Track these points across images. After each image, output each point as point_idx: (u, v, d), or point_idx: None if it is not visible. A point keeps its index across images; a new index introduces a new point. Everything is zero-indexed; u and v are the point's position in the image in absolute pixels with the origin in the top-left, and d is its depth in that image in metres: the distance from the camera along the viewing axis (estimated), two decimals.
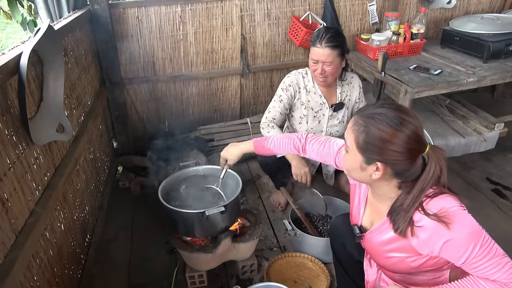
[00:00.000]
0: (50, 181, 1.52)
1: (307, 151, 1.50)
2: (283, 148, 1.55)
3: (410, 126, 1.00)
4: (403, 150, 1.00)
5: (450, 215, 1.01)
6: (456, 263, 1.04)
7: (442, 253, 1.04)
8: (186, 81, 2.89)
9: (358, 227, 1.29)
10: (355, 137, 1.05)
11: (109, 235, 2.20)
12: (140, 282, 1.90)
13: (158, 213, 2.03)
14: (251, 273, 1.92)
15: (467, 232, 1.01)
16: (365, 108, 1.08)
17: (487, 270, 1.01)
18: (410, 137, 1.00)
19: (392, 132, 0.99)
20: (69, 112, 1.83)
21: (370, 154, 1.04)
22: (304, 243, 1.98)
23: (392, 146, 1.00)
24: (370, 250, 1.29)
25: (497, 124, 2.66)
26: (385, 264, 1.23)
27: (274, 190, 2.50)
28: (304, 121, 2.18)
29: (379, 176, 1.06)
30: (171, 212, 1.69)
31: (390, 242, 1.16)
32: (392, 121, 1.00)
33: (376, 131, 1.01)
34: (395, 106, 1.04)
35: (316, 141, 1.47)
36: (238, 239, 1.79)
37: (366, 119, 1.03)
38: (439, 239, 1.02)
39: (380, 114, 1.02)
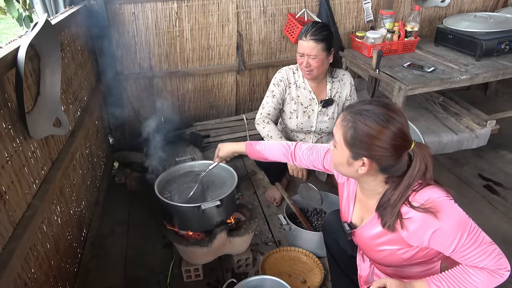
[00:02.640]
0: (47, 175, 1.53)
1: (297, 158, 1.53)
2: (273, 153, 1.58)
3: (396, 124, 1.03)
4: (388, 146, 1.03)
5: (437, 205, 1.04)
6: (445, 252, 1.07)
7: (432, 243, 1.07)
8: (182, 77, 2.90)
9: (348, 224, 1.31)
10: (343, 133, 1.08)
11: (105, 230, 2.22)
12: (136, 276, 1.92)
13: (154, 208, 2.05)
14: (246, 267, 1.94)
15: (454, 221, 1.03)
16: (354, 104, 1.11)
17: (475, 258, 1.04)
18: (395, 134, 1.03)
19: (379, 129, 1.02)
20: (65, 107, 1.84)
21: (357, 149, 1.06)
22: (298, 238, 2.00)
23: (378, 142, 1.03)
24: (362, 245, 1.31)
25: (489, 121, 2.70)
26: (377, 258, 1.25)
27: (269, 185, 2.52)
28: (294, 116, 2.21)
29: (365, 171, 1.09)
30: (167, 206, 1.71)
31: (381, 236, 1.18)
32: (379, 117, 1.03)
33: (364, 127, 1.04)
34: (383, 103, 1.07)
35: (305, 148, 1.50)
36: (233, 233, 1.82)
37: (355, 115, 1.06)
38: (428, 229, 1.05)
39: (368, 111, 1.05)
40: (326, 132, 2.28)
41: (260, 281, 1.71)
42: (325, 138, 2.33)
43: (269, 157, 1.60)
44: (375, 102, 1.07)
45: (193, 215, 1.67)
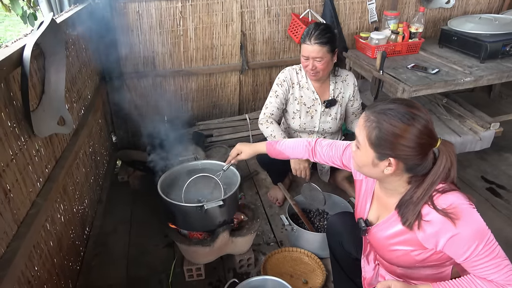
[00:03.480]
0: (51, 173, 1.53)
1: (317, 154, 1.53)
2: (294, 150, 1.59)
3: (421, 121, 1.01)
4: (414, 145, 1.01)
5: (459, 212, 1.02)
6: (457, 259, 1.06)
7: (446, 248, 1.06)
8: (186, 77, 2.90)
9: (363, 220, 1.30)
10: (367, 133, 1.06)
11: (108, 228, 2.22)
12: (138, 275, 1.92)
13: (156, 206, 2.05)
14: (248, 267, 1.94)
15: (473, 229, 1.02)
16: (376, 104, 1.08)
17: (486, 270, 1.03)
18: (421, 132, 1.01)
19: (404, 127, 1.01)
20: (70, 105, 1.84)
21: (382, 149, 1.05)
22: (300, 238, 2.00)
23: (404, 141, 1.01)
24: (374, 243, 1.30)
25: (492, 123, 2.69)
26: (389, 258, 1.24)
27: (271, 186, 2.52)
28: (297, 116, 2.21)
29: (392, 171, 1.07)
30: (170, 206, 1.71)
31: (396, 235, 1.17)
32: (404, 116, 1.01)
33: (389, 126, 1.02)
34: (406, 102, 1.05)
35: (325, 144, 1.51)
36: (235, 233, 1.82)
37: (378, 115, 1.04)
38: (445, 234, 1.04)
39: (391, 110, 1.03)
40: (329, 132, 2.27)
41: (262, 281, 1.71)
42: (329, 138, 2.32)
43: (290, 155, 1.62)
44: (398, 101, 1.05)
45: (196, 214, 1.67)
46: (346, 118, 2.34)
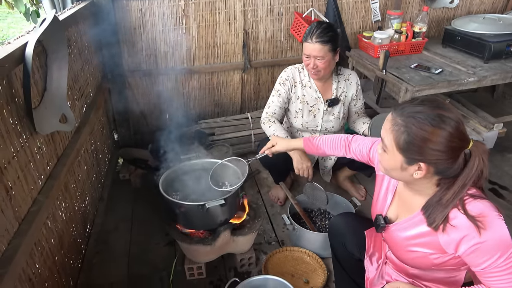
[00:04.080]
0: (52, 170, 1.53)
1: (351, 150, 1.53)
2: (331, 146, 1.59)
3: (452, 123, 0.97)
4: (445, 149, 0.98)
5: (487, 221, 0.99)
6: (474, 268, 1.04)
7: (465, 255, 1.04)
8: (188, 75, 2.90)
9: (383, 217, 1.28)
10: (395, 137, 1.03)
11: (109, 226, 2.22)
12: (139, 273, 1.92)
13: (158, 205, 2.05)
14: (249, 266, 1.94)
15: (497, 241, 1.00)
16: (404, 106, 1.04)
17: (500, 283, 1.01)
18: (452, 135, 0.97)
19: (434, 131, 0.97)
20: (71, 103, 1.84)
21: (411, 154, 1.01)
22: (302, 238, 2.00)
23: (434, 146, 0.98)
24: (391, 242, 1.28)
25: (496, 124, 2.67)
26: (405, 258, 1.23)
27: (273, 185, 2.52)
28: (299, 115, 2.20)
29: (421, 175, 1.04)
30: (171, 204, 1.71)
31: (417, 237, 1.15)
32: (434, 119, 0.97)
33: (418, 131, 0.98)
34: (435, 103, 1.01)
35: (359, 139, 1.51)
36: (237, 232, 1.81)
37: (406, 118, 1.00)
38: (469, 241, 1.01)
39: (420, 113, 0.99)
40: (332, 131, 2.27)
41: (263, 280, 1.71)
42: None
43: (327, 151, 1.62)
44: (427, 102, 1.01)
45: (197, 213, 1.67)
46: (348, 117, 2.33)
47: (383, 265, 1.39)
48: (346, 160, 2.39)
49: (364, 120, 2.26)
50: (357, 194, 2.43)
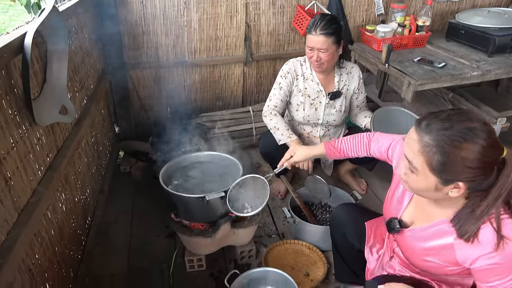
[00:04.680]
0: (52, 162, 1.53)
1: (371, 150, 1.48)
2: (354, 148, 1.53)
3: (484, 135, 0.92)
4: (482, 164, 0.93)
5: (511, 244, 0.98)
6: (481, 283, 1.04)
7: (478, 270, 1.03)
8: (189, 68, 2.89)
9: (398, 221, 1.24)
10: (427, 159, 0.96)
11: (110, 218, 2.23)
12: (139, 265, 1.93)
13: (158, 197, 2.05)
14: (249, 258, 1.94)
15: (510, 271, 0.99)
16: (429, 122, 0.96)
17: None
18: (487, 147, 0.92)
19: (469, 147, 0.91)
20: (72, 94, 1.84)
21: (448, 175, 0.96)
22: (302, 231, 1.99)
23: (471, 163, 0.92)
24: (405, 246, 1.25)
25: (499, 118, 2.65)
26: (418, 264, 1.21)
27: (274, 178, 2.51)
28: (301, 108, 2.19)
29: (459, 194, 0.99)
30: (171, 196, 1.71)
31: (436, 249, 1.13)
32: (467, 134, 0.91)
33: (452, 149, 0.92)
34: (465, 116, 0.94)
35: (379, 138, 1.46)
36: (237, 225, 1.81)
37: (437, 137, 0.93)
38: (487, 259, 1.00)
39: (451, 129, 0.93)
40: (333, 125, 2.25)
41: (263, 273, 1.71)
42: (332, 131, 2.31)
43: (350, 154, 1.54)
44: (455, 116, 0.94)
45: (197, 205, 1.67)
46: (350, 111, 2.31)
47: (383, 257, 1.39)
48: None
49: (366, 113, 2.24)
50: (358, 187, 2.43)
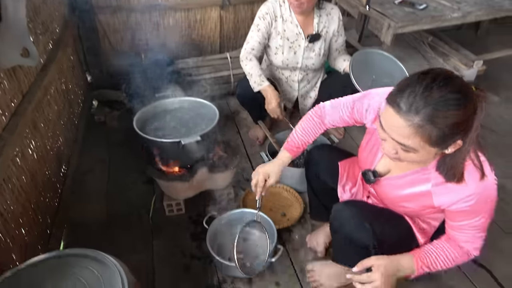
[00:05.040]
0: (17, 108, 1.47)
1: (327, 124, 1.41)
2: (309, 135, 1.43)
3: (465, 89, 0.91)
4: (472, 113, 0.92)
5: (487, 184, 1.02)
6: (451, 221, 1.11)
7: (452, 211, 1.08)
8: (163, 12, 2.74)
9: (372, 172, 1.25)
10: (425, 138, 0.92)
11: (85, 167, 2.20)
12: (118, 211, 1.93)
13: (135, 145, 2.02)
14: (228, 201, 1.96)
15: (485, 206, 1.05)
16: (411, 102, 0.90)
17: (467, 237, 1.10)
18: (471, 96, 0.91)
19: (462, 109, 0.89)
20: (34, 37, 1.72)
21: (448, 141, 0.94)
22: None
23: (466, 120, 0.91)
24: (382, 194, 1.28)
25: (476, 61, 2.66)
26: (395, 208, 1.26)
27: (252, 125, 2.50)
28: (279, 52, 2.13)
29: (455, 148, 0.97)
30: (147, 142, 1.68)
31: (413, 197, 1.16)
32: (454, 99, 0.89)
33: (447, 120, 0.89)
34: (441, 80, 0.90)
35: (328, 109, 1.38)
36: (214, 169, 1.82)
37: (428, 115, 0.89)
38: (463, 203, 1.04)
39: (437, 101, 0.88)
40: (312, 69, 2.22)
41: (240, 214, 1.74)
42: (311, 75, 2.27)
43: (311, 140, 1.44)
44: (429, 85, 0.89)
45: (173, 150, 1.65)
46: (329, 55, 2.27)
47: (356, 195, 1.43)
48: (326, 99, 2.38)
49: (344, 57, 2.21)
50: (335, 132, 2.44)
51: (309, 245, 1.74)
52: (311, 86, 2.33)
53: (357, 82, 1.99)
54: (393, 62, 2.16)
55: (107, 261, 1.02)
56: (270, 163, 1.41)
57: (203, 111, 1.88)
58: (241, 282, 1.60)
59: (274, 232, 1.62)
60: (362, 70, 2.08)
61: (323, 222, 1.74)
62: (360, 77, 2.03)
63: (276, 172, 1.38)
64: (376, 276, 1.09)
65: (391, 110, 0.93)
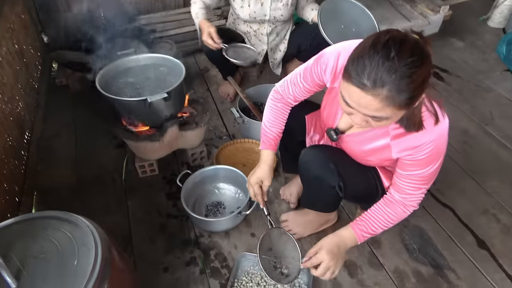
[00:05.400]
0: None
1: (292, 103, 1.37)
2: (279, 121, 1.38)
3: (421, 44, 0.88)
4: (430, 66, 0.90)
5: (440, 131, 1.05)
6: (402, 170, 1.14)
7: (405, 161, 1.12)
8: None
9: (334, 130, 1.26)
10: (395, 105, 0.89)
11: (50, 132, 2.12)
12: (89, 175, 1.90)
13: (101, 107, 1.95)
14: (201, 160, 1.97)
15: (437, 156, 1.08)
16: (374, 77, 0.86)
17: (411, 187, 1.15)
18: (428, 50, 0.89)
19: (424, 67, 0.87)
20: None
21: (415, 100, 0.92)
22: (252, 129, 2.02)
23: (429, 74, 0.90)
24: (347, 150, 1.31)
25: (442, 7, 2.66)
26: (361, 162, 1.30)
27: (222, 82, 2.45)
28: (245, 5, 2.06)
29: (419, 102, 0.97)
30: (113, 102, 1.62)
31: (374, 151, 1.19)
32: (416, 59, 0.85)
33: (412, 83, 0.87)
34: (398, 43, 0.85)
35: (287, 88, 1.33)
36: (185, 127, 1.79)
37: (393, 83, 0.86)
38: (418, 152, 1.07)
39: (400, 66, 0.85)
40: (281, 20, 2.15)
41: (214, 170, 1.75)
42: (280, 27, 2.21)
43: (282, 126, 1.39)
44: (387, 49, 0.85)
45: (140, 109, 1.60)
46: (297, 4, 2.20)
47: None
48: (295, 51, 2.35)
49: (312, 6, 2.15)
50: None
51: (283, 196, 1.78)
52: (280, 39, 2.28)
53: (326, 32, 1.96)
54: (361, 10, 2.14)
55: (79, 222, 1.01)
56: (257, 169, 1.38)
57: (169, 68, 1.81)
58: (218, 236, 1.64)
59: None
60: (331, 19, 2.04)
61: (295, 174, 1.78)
62: (329, 26, 1.99)
63: (267, 174, 1.37)
64: (322, 255, 1.15)
65: (355, 88, 0.90)
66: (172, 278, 1.49)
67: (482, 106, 2.31)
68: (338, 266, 1.17)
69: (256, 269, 1.49)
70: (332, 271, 1.15)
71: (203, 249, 1.59)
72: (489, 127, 2.15)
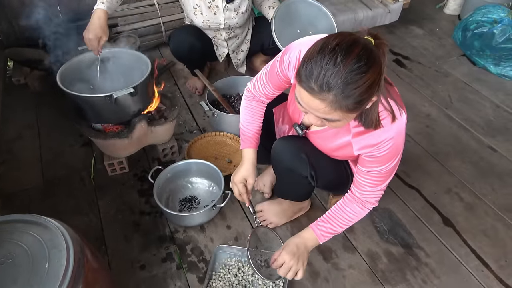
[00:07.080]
0: None
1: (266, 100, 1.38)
2: (256, 119, 1.38)
3: (371, 47, 0.89)
4: (379, 70, 0.90)
5: (397, 128, 1.06)
6: (363, 167, 1.16)
7: (365, 157, 1.14)
8: None
9: (299, 126, 1.28)
10: (343, 109, 0.90)
11: (11, 135, 2.02)
12: (56, 176, 1.83)
13: (63, 105, 1.88)
14: (173, 155, 1.94)
15: (395, 154, 1.11)
16: (321, 82, 0.87)
17: (369, 183, 1.18)
18: (376, 54, 0.89)
19: (372, 70, 0.87)
20: None
21: (365, 103, 0.93)
22: (222, 122, 2.01)
23: (378, 78, 0.90)
24: (316, 144, 1.33)
25: None
26: (329, 155, 1.32)
27: (190, 75, 2.42)
28: (198, 12, 2.01)
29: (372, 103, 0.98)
30: (76, 99, 1.57)
31: (339, 148, 1.22)
32: (362, 64, 0.85)
33: (360, 85, 0.87)
34: (344, 48, 0.86)
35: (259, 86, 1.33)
36: (154, 123, 1.76)
37: (341, 89, 0.86)
38: (377, 150, 1.09)
39: (346, 72, 0.85)
40: (237, 27, 2.12)
41: (186, 165, 1.73)
42: (239, 31, 2.17)
43: (259, 124, 1.39)
44: (334, 55, 0.85)
45: (105, 105, 1.55)
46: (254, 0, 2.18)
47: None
48: (258, 48, 2.34)
49: (269, 3, 2.14)
50: None
51: (256, 187, 1.79)
52: (241, 41, 2.25)
53: (281, 41, 1.96)
54: (318, 9, 2.14)
55: (48, 224, 0.97)
56: (241, 168, 1.37)
57: (134, 63, 1.76)
58: (193, 230, 1.63)
59: (222, 179, 1.64)
60: (287, 24, 2.04)
61: (268, 165, 1.79)
62: (284, 34, 1.99)
63: (251, 172, 1.36)
64: (283, 256, 1.21)
65: (304, 91, 0.91)
66: (149, 275, 1.47)
67: (442, 91, 2.41)
68: (300, 266, 1.21)
69: (233, 261, 1.50)
70: (294, 271, 1.20)
71: (179, 245, 1.58)
72: (449, 110, 2.25)
